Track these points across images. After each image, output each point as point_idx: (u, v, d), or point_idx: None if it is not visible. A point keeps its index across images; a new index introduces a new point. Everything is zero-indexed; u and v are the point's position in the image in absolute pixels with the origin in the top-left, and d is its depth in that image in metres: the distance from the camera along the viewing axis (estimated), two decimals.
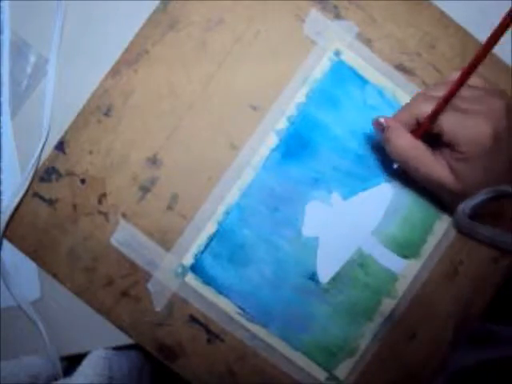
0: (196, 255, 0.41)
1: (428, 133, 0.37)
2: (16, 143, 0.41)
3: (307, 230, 0.41)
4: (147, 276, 0.40)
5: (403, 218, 0.42)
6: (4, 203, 0.40)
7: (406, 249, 0.42)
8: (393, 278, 0.41)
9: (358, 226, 0.41)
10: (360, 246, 0.41)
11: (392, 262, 0.41)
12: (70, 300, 0.40)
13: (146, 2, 0.41)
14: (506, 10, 0.43)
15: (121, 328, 0.40)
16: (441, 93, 0.36)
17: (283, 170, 0.41)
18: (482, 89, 0.38)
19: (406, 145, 0.37)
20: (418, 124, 0.37)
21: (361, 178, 0.42)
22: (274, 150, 0.41)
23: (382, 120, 0.38)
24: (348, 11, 0.42)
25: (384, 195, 0.42)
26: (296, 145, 0.41)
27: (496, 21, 0.31)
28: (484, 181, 0.36)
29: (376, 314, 0.41)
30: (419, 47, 0.42)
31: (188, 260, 0.41)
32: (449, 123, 0.36)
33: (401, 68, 0.42)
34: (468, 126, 0.35)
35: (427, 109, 0.36)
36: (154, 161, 0.41)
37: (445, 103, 0.35)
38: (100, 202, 0.40)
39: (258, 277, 0.41)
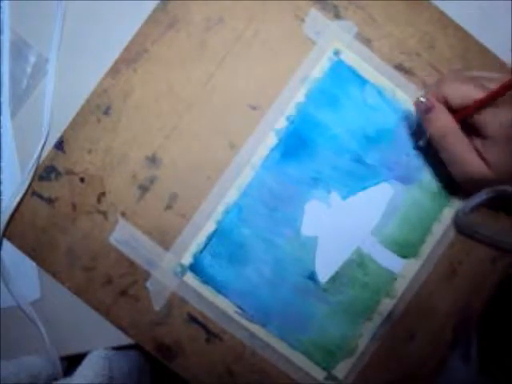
0: (195, 254, 0.41)
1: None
2: (16, 143, 0.41)
3: (306, 230, 0.41)
4: (146, 275, 0.40)
5: (402, 218, 0.42)
6: (4, 203, 0.40)
7: (405, 249, 0.42)
8: (392, 277, 0.41)
9: (356, 226, 0.41)
10: (359, 245, 0.41)
11: (391, 261, 0.41)
12: (69, 300, 0.40)
13: (145, 1, 0.41)
14: (506, 9, 0.43)
15: (119, 327, 0.40)
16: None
17: (282, 169, 0.41)
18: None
19: (448, 129, 0.37)
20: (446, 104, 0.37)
21: (360, 177, 0.42)
22: (273, 150, 0.41)
23: (423, 99, 0.38)
24: (347, 11, 0.42)
25: (383, 195, 0.42)
26: (295, 144, 0.41)
27: (495, 21, 0.31)
28: None
29: (375, 313, 0.41)
30: (419, 47, 0.42)
31: (187, 259, 0.41)
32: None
33: (400, 68, 0.42)
34: (496, 111, 0.35)
35: (459, 92, 0.37)
36: (153, 160, 0.41)
37: (493, 99, 0.35)
38: (99, 200, 0.41)
39: (257, 276, 0.41)
